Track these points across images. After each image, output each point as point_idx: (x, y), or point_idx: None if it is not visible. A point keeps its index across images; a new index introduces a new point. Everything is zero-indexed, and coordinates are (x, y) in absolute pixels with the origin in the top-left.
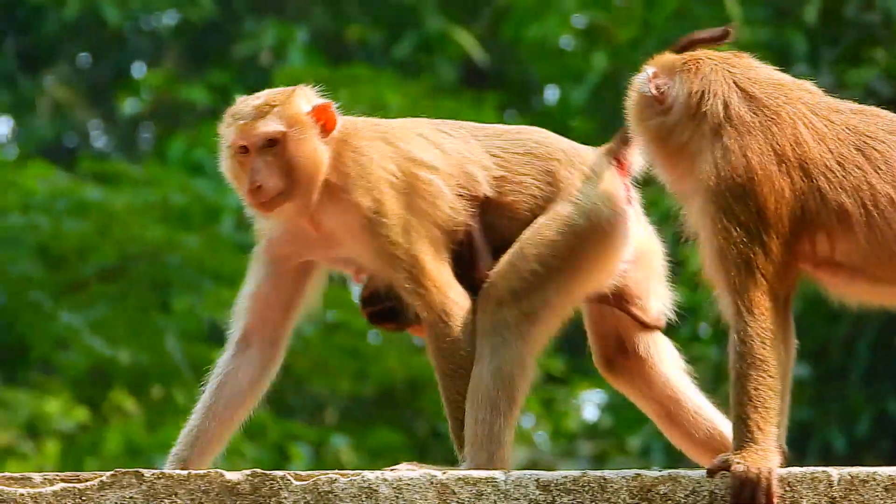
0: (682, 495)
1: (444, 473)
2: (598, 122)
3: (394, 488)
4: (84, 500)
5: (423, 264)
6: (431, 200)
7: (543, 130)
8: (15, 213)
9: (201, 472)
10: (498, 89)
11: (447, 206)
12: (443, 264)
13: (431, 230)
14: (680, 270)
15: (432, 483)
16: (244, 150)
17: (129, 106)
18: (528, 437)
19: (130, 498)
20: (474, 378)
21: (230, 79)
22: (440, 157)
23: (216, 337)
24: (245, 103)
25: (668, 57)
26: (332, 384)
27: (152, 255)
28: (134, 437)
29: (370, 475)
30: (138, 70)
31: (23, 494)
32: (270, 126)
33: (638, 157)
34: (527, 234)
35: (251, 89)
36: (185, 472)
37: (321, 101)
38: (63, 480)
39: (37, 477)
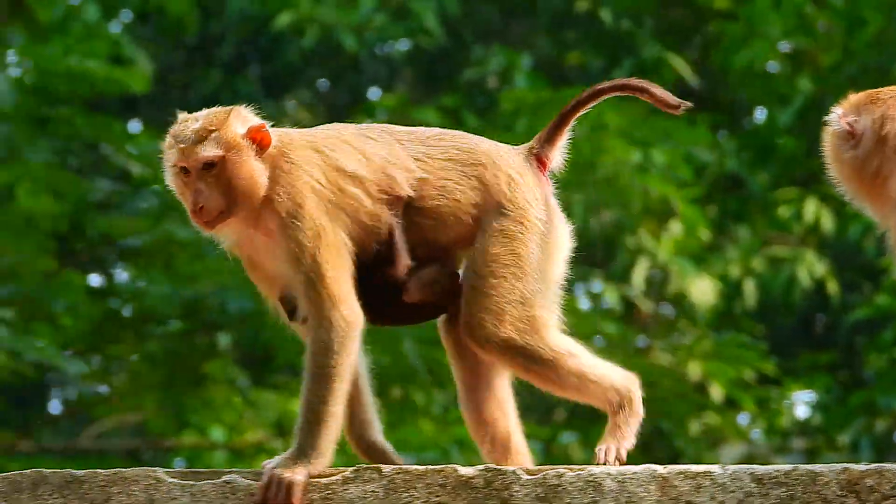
0: (888, 487)
1: (665, 467)
2: (804, 141)
3: (617, 482)
4: (328, 494)
5: (323, 273)
6: (351, 212)
7: (466, 135)
8: None
9: (438, 466)
10: (710, 111)
11: (366, 215)
12: (344, 278)
13: (342, 240)
14: (884, 278)
15: (654, 476)
16: (185, 171)
17: None
18: (744, 434)
19: (372, 492)
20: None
21: (459, 102)
22: (364, 164)
23: None
24: (185, 126)
25: (853, 97)
26: None
27: None
28: None
29: (595, 469)
30: (374, 94)
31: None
32: (209, 151)
33: (557, 156)
34: (475, 256)
35: (479, 111)
36: (422, 468)
37: (255, 121)
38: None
39: None
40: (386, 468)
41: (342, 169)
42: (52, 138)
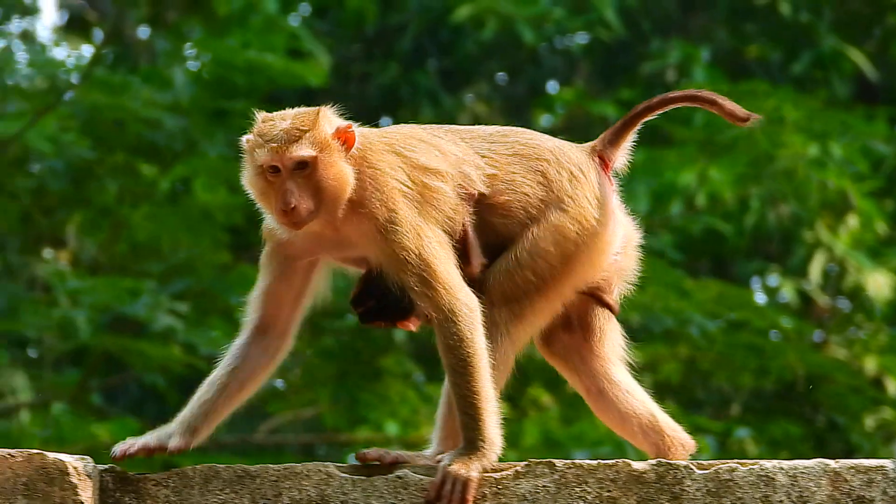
0: None
1: (837, 462)
2: None
3: (789, 476)
4: (500, 488)
5: (433, 268)
6: (439, 205)
7: (528, 131)
8: None
9: (609, 461)
10: (889, 104)
11: (451, 208)
12: (451, 267)
13: (440, 234)
14: None
15: (825, 471)
16: (275, 170)
17: (544, 120)
18: None
19: (543, 486)
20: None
21: (637, 95)
22: (442, 160)
23: (626, 335)
24: (273, 125)
25: None
26: (735, 379)
27: None
28: (550, 429)
29: (767, 464)
30: (552, 87)
31: None
32: (304, 150)
33: (621, 156)
34: (523, 242)
35: None
36: (594, 462)
37: (342, 122)
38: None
39: None
40: (558, 462)
41: (423, 166)
42: (229, 131)
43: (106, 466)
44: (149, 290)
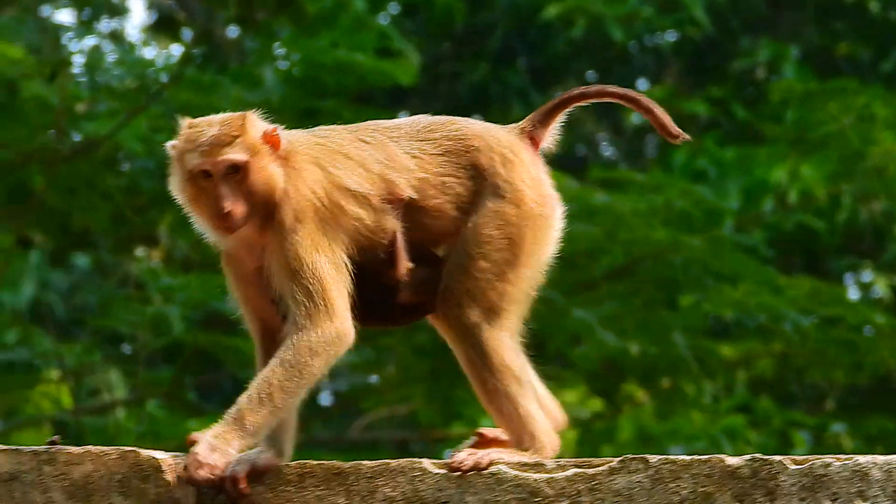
0: None
1: None
2: None
3: (884, 471)
4: (594, 485)
5: (323, 285)
6: (351, 231)
7: (456, 120)
8: None
9: (704, 457)
10: None
11: (368, 229)
12: (341, 293)
13: (340, 257)
14: None
15: None
16: (206, 175)
17: (634, 118)
18: None
19: (638, 482)
20: (477, 381)
21: (727, 93)
22: (364, 177)
23: (720, 332)
24: (201, 131)
25: None
26: (829, 375)
27: (657, 256)
28: (645, 425)
29: (862, 459)
30: (642, 85)
31: (537, 479)
32: (236, 155)
33: (549, 137)
34: (465, 234)
35: (747, 102)
36: (688, 458)
37: (267, 125)
38: (575, 466)
39: (550, 463)
40: (653, 458)
41: (344, 187)
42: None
43: None
44: None
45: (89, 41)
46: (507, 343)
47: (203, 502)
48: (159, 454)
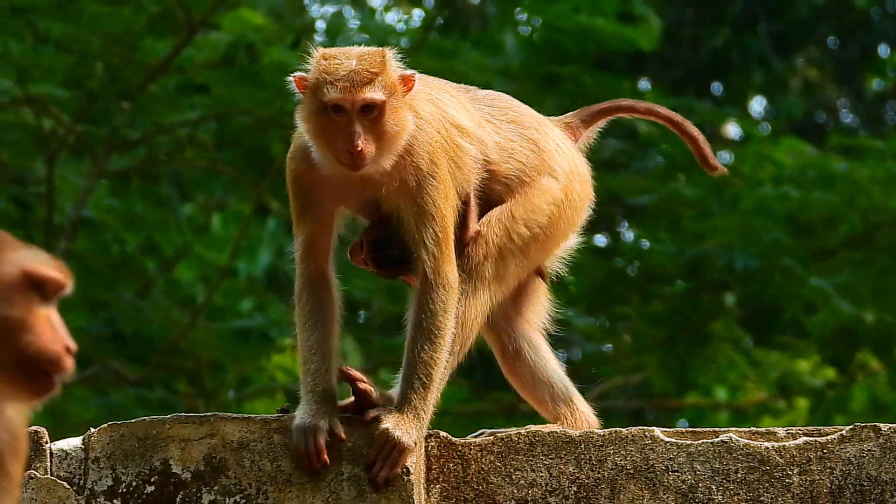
0: None
1: None
2: None
3: None
4: (825, 453)
5: (447, 232)
6: (464, 169)
7: (510, 97)
8: (768, 185)
9: None
10: None
11: (469, 172)
12: (452, 236)
13: (456, 199)
14: None
15: None
16: (339, 110)
17: (875, 84)
18: None
19: (868, 451)
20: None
21: None
22: (469, 119)
23: None
24: (338, 64)
25: None
26: None
27: (895, 224)
28: (879, 394)
29: None
30: (884, 51)
31: (767, 448)
32: (375, 94)
33: (586, 136)
34: (518, 199)
35: None
36: None
37: (405, 70)
38: (805, 434)
39: (781, 431)
40: (884, 427)
41: (458, 124)
42: (560, 96)
43: (429, 432)
44: None
45: (331, 7)
46: (487, 312)
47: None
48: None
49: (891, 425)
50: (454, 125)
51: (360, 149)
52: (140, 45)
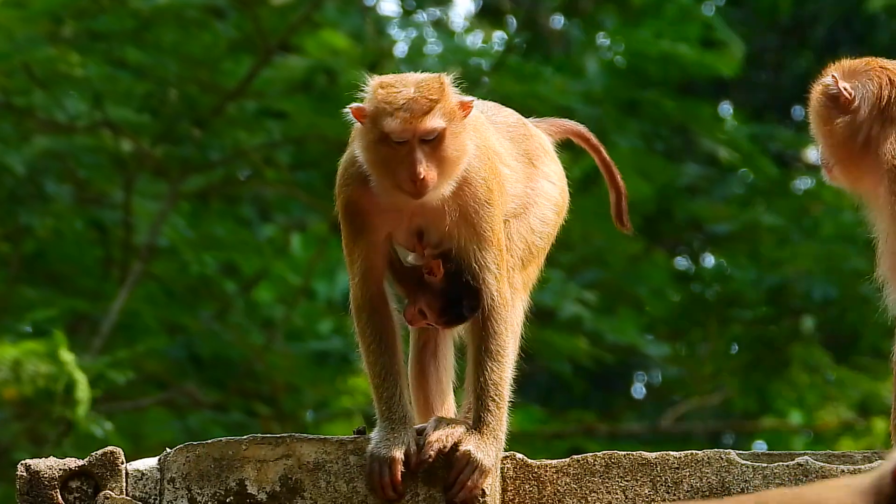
0: None
1: None
2: None
3: None
4: None
5: (503, 254)
6: (505, 196)
7: (501, 108)
8: (849, 211)
9: None
10: None
11: (508, 197)
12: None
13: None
14: None
15: None
16: (400, 139)
17: None
18: None
19: None
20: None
21: None
22: (502, 147)
23: None
24: (399, 93)
25: (848, 63)
26: None
27: None
28: None
29: None
30: None
31: (843, 471)
32: (436, 122)
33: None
34: (532, 210)
35: None
36: None
37: (463, 96)
38: (881, 458)
39: (857, 455)
40: None
41: (497, 151)
42: (642, 121)
43: (506, 454)
44: (556, 279)
45: (412, 30)
46: (521, 319)
47: None
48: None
49: None
50: (494, 151)
51: (422, 176)
52: (219, 69)
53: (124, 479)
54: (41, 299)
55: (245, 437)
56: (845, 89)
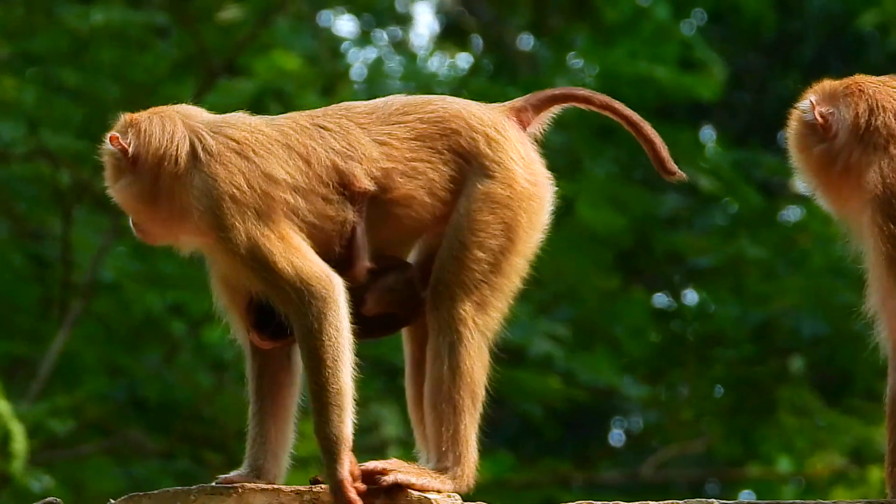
0: None
1: None
2: None
3: None
4: None
5: (271, 265)
6: (287, 214)
7: (433, 100)
8: (839, 243)
9: None
10: None
11: (311, 215)
12: (296, 258)
13: (284, 231)
14: None
15: None
16: None
17: None
18: None
19: None
20: (434, 379)
21: None
22: (299, 167)
23: None
24: None
25: (828, 85)
26: None
27: None
28: None
29: None
30: None
31: None
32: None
33: (537, 124)
34: (458, 221)
35: None
36: None
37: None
38: None
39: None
40: None
41: (269, 175)
42: (617, 148)
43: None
44: (526, 315)
45: (370, 52)
46: (484, 354)
47: None
48: (434, 496)
49: None
50: (262, 175)
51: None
52: (162, 93)
53: None
54: None
55: (194, 486)
56: (821, 115)
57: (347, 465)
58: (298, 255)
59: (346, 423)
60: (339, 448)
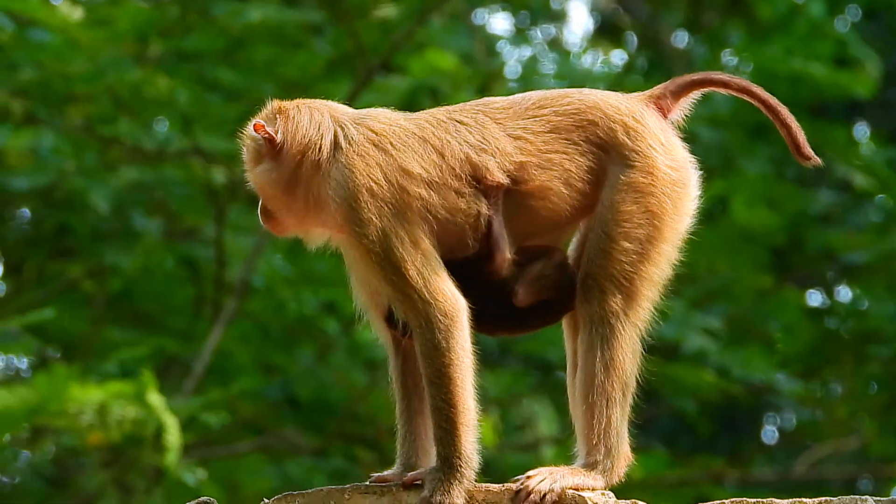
0: None
1: None
2: None
3: None
4: None
5: (403, 272)
6: (422, 209)
7: (570, 93)
8: None
9: None
10: None
11: (445, 210)
12: (428, 270)
13: (417, 236)
14: None
15: None
16: None
17: None
18: None
19: None
20: (586, 372)
21: None
22: (435, 161)
23: None
24: None
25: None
26: None
27: None
28: None
29: None
30: None
31: None
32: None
33: (678, 110)
34: (602, 214)
35: None
36: None
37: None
38: None
39: None
40: None
41: (405, 169)
42: (771, 146)
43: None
44: (679, 310)
45: (525, 50)
46: (636, 345)
47: None
48: (588, 494)
49: None
50: (399, 169)
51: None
52: (316, 91)
53: None
54: (127, 340)
55: (347, 485)
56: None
57: (466, 487)
58: (429, 267)
59: (473, 443)
60: (464, 467)
